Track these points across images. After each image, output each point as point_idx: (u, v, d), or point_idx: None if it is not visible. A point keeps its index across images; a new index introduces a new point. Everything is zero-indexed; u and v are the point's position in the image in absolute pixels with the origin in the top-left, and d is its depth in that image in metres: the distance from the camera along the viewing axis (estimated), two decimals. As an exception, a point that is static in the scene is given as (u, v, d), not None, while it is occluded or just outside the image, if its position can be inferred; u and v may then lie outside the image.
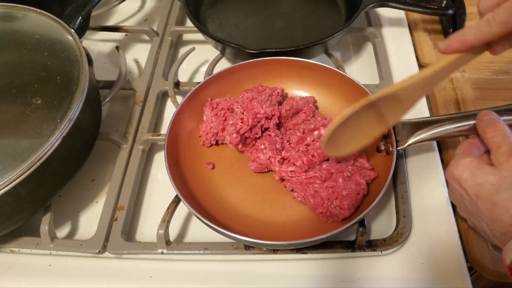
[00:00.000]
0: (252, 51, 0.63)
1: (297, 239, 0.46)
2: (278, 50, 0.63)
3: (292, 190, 0.55)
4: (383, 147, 0.55)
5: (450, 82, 0.68)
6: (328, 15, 0.77)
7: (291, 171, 0.54)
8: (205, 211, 0.52)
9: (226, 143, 0.59)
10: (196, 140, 0.61)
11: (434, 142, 0.61)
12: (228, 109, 0.59)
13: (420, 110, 0.65)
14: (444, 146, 0.61)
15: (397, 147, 0.52)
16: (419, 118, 0.54)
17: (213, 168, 0.59)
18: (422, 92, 0.48)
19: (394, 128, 0.54)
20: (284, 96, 0.64)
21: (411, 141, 0.52)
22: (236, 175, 0.58)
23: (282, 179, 0.55)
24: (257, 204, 0.55)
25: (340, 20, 0.76)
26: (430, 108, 0.66)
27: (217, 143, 0.60)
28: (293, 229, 0.52)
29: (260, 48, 0.63)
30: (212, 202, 0.54)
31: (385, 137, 0.55)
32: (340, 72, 0.62)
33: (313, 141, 0.56)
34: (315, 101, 0.63)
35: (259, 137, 0.58)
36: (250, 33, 0.74)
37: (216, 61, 0.70)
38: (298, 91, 0.65)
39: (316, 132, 0.56)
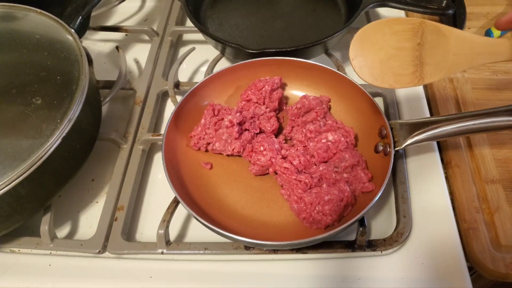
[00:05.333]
0: (252, 51, 0.63)
1: (295, 239, 0.46)
2: (278, 50, 0.63)
3: (282, 186, 0.55)
4: (380, 148, 0.55)
5: (450, 82, 0.68)
6: (328, 15, 0.77)
7: (284, 168, 0.54)
8: (203, 211, 0.52)
9: (217, 152, 0.59)
10: None
11: (434, 142, 0.61)
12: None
13: (420, 111, 0.65)
14: (444, 146, 0.61)
15: (394, 147, 0.52)
16: (417, 119, 0.54)
17: (211, 168, 0.59)
18: (473, 59, 0.43)
19: (391, 128, 0.54)
20: (281, 85, 0.64)
21: (408, 142, 0.52)
22: (234, 175, 0.58)
23: (276, 173, 0.56)
24: (254, 204, 0.55)
25: (340, 20, 0.76)
26: (430, 109, 0.66)
27: (206, 150, 0.60)
28: (291, 229, 0.52)
29: (260, 48, 0.63)
30: (210, 203, 0.54)
31: (383, 137, 0.55)
32: (339, 72, 0.61)
33: (317, 141, 0.56)
34: (329, 101, 0.63)
35: (257, 134, 0.58)
36: (250, 33, 0.74)
37: (216, 61, 0.70)
38: (296, 91, 0.65)
39: (323, 140, 0.56)
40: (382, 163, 0.53)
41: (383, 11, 0.80)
